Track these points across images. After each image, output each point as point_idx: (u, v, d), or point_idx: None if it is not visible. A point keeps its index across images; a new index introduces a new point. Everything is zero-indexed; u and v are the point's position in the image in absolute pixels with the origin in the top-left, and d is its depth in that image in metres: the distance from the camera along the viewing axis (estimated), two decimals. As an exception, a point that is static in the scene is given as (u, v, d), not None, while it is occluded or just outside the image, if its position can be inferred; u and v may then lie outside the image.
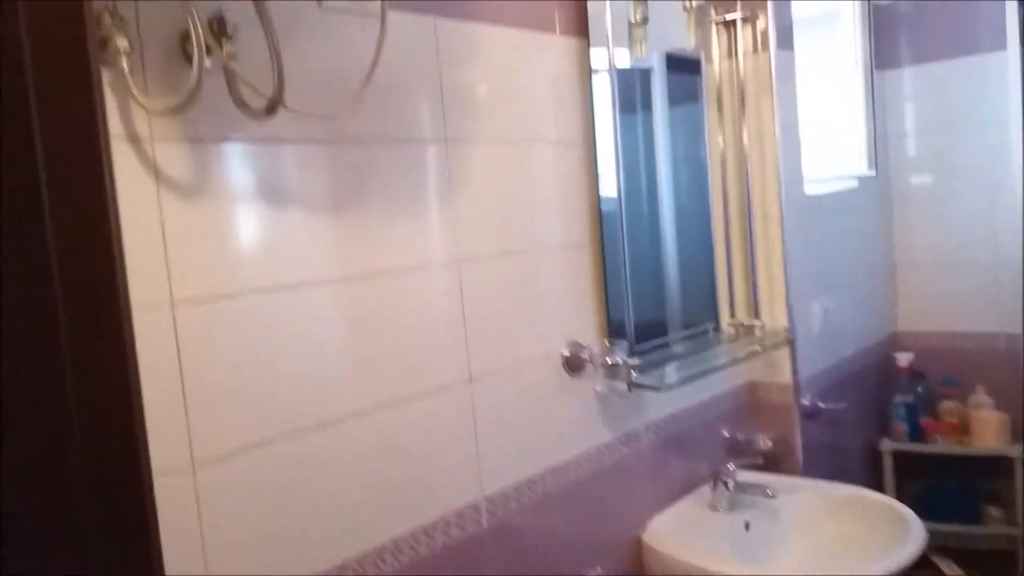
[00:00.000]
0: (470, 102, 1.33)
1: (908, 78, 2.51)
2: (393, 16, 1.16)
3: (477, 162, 1.33)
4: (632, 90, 1.75)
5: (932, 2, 2.43)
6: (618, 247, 1.55)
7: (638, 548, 1.62)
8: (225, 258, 0.99)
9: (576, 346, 1.49)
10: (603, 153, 1.55)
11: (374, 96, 1.13)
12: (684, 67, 1.91)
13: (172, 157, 0.94)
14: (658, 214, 1.81)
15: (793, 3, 2.05)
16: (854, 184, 2.39)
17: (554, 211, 1.48)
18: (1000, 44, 2.17)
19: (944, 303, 2.49)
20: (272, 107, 0.93)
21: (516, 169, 1.41)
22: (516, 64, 1.41)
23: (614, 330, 1.55)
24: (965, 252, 2.43)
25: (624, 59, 1.64)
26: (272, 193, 1.05)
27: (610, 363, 1.52)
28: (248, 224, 1.03)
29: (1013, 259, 2.18)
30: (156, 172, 0.92)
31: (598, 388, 1.54)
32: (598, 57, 1.56)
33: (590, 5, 1.55)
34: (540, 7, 1.47)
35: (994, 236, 2.35)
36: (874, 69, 2.48)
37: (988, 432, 2.31)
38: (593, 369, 1.51)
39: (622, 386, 1.52)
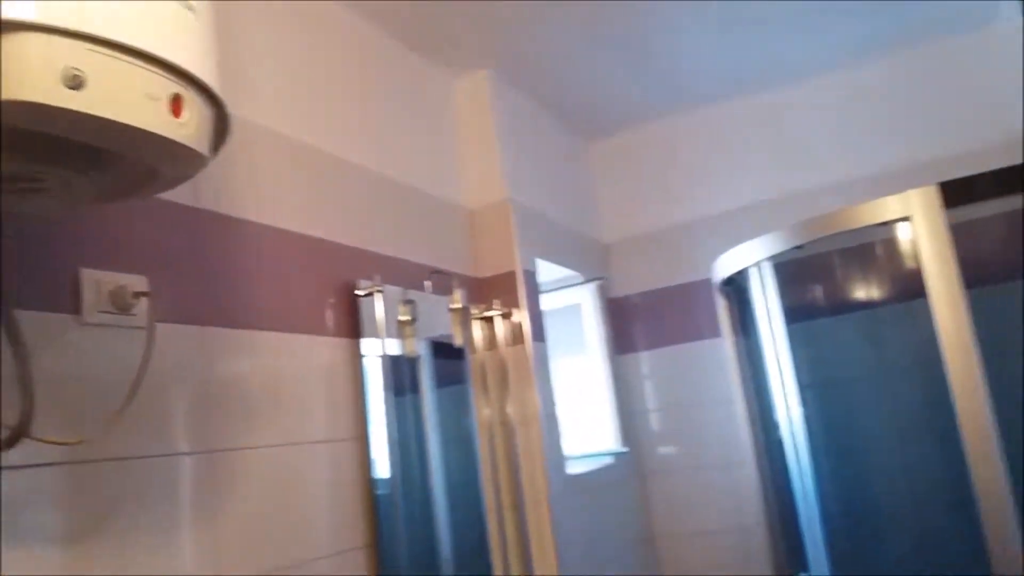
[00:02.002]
0: (237, 411, 1.30)
1: (645, 360, 2.84)
2: (161, 328, 1.15)
3: (244, 472, 1.27)
4: (402, 376, 1.82)
5: (656, 296, 2.84)
6: (396, 548, 1.50)
7: None
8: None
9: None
10: (377, 442, 1.56)
11: (133, 410, 1.07)
12: (450, 353, 2.03)
13: None
14: (431, 500, 1.81)
15: (542, 296, 2.31)
16: (611, 460, 2.57)
17: (325, 514, 1.43)
18: (716, 332, 2.55)
19: (700, 568, 2.64)
20: (14, 439, 0.85)
21: (287, 474, 1.36)
22: (288, 367, 1.42)
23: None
24: (714, 519, 2.65)
25: (395, 348, 1.72)
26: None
27: None
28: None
29: (754, 525, 2.40)
30: None
31: None
32: (370, 350, 1.62)
33: (363, 307, 1.63)
34: (312, 311, 1.52)
35: (738, 501, 2.60)
36: (615, 353, 2.79)
37: None
38: None
39: None
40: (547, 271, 2.47)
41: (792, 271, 2.64)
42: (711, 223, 2.78)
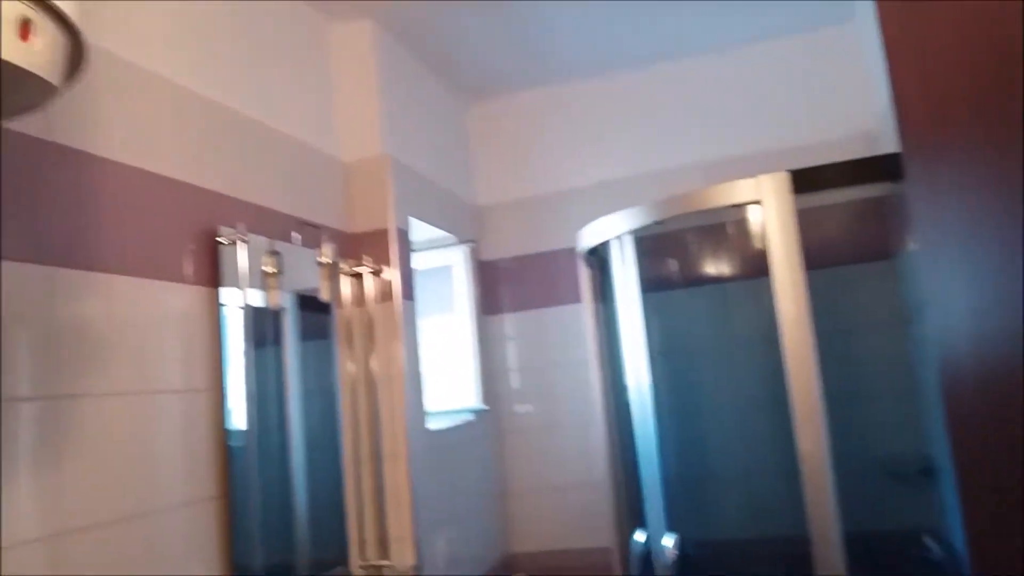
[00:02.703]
0: (87, 357, 1.25)
1: (510, 322, 2.91)
2: (5, 267, 1.09)
3: (92, 419, 1.23)
4: (264, 329, 1.79)
5: (524, 262, 2.91)
6: (248, 499, 1.50)
7: None
8: None
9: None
10: (233, 394, 1.54)
11: (-33, 351, 1.01)
12: (316, 307, 2.01)
13: None
14: (288, 454, 1.80)
15: (413, 255, 2.32)
16: (471, 417, 2.63)
17: (177, 464, 1.40)
18: (578, 299, 2.64)
19: (550, 523, 2.77)
20: None
21: (137, 423, 1.32)
22: (142, 314, 1.37)
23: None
24: (565, 476, 2.78)
25: (258, 300, 1.69)
26: None
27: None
28: None
29: (601, 482, 2.53)
30: None
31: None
32: (230, 300, 1.59)
33: (224, 255, 1.59)
34: (171, 257, 1.47)
35: (589, 460, 2.73)
36: (482, 314, 2.85)
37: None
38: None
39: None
40: (420, 230, 2.48)
41: (651, 245, 2.77)
42: (579, 194, 2.87)
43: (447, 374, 2.60)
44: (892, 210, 2.53)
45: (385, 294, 2.13)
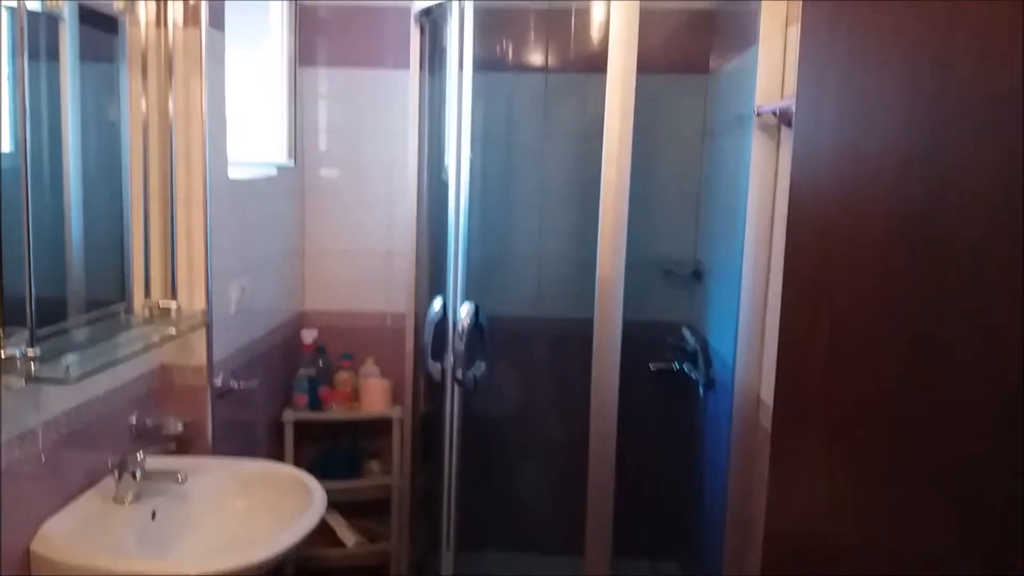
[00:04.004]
0: None
1: (324, 78, 2.73)
2: None
3: None
4: (37, 37, 1.52)
5: (349, 13, 2.68)
6: (14, 227, 1.34)
7: (27, 561, 1.44)
8: None
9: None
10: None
11: None
12: (104, 24, 1.74)
13: None
14: (62, 184, 1.62)
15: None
16: (274, 172, 2.50)
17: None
18: (405, 64, 2.49)
19: (346, 285, 2.79)
20: None
21: None
22: None
23: (7, 317, 1.35)
24: (365, 242, 2.77)
25: (32, 3, 1.42)
26: None
27: (4, 357, 1.31)
28: None
29: (403, 251, 2.56)
30: None
31: (-15, 386, 1.32)
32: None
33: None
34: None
35: (390, 229, 2.73)
36: (297, 65, 2.63)
37: (374, 398, 2.68)
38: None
39: (18, 382, 1.33)
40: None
41: (491, 19, 2.65)
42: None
43: (253, 123, 2.41)
44: (717, 26, 2.59)
45: (190, 17, 1.88)
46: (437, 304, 2.21)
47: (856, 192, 0.85)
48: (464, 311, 2.10)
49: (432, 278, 2.48)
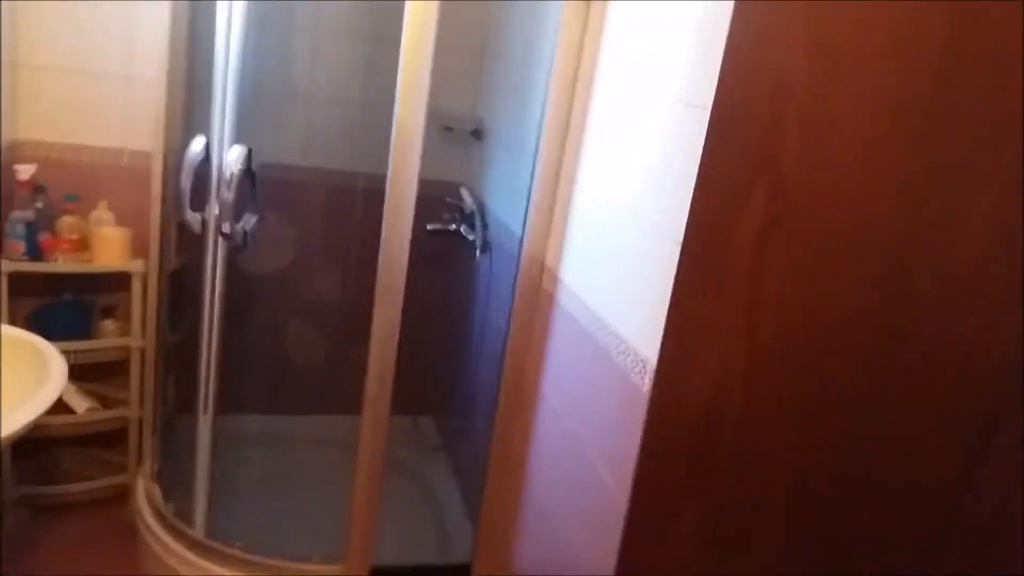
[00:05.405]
0: None
1: None
2: None
3: None
4: None
5: None
6: None
7: None
8: None
9: None
10: None
11: None
12: None
13: None
14: None
15: None
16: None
17: None
18: None
19: (70, 112, 2.32)
20: None
21: None
22: None
23: None
24: (101, 62, 2.28)
25: None
26: None
27: None
28: None
29: (150, 76, 2.16)
30: None
31: None
32: None
33: None
34: None
35: (130, 47, 2.27)
36: None
37: (109, 249, 2.32)
38: None
39: None
40: None
41: None
42: None
43: None
44: None
45: None
46: (198, 145, 1.91)
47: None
48: (234, 155, 1.83)
49: (188, 112, 2.13)
